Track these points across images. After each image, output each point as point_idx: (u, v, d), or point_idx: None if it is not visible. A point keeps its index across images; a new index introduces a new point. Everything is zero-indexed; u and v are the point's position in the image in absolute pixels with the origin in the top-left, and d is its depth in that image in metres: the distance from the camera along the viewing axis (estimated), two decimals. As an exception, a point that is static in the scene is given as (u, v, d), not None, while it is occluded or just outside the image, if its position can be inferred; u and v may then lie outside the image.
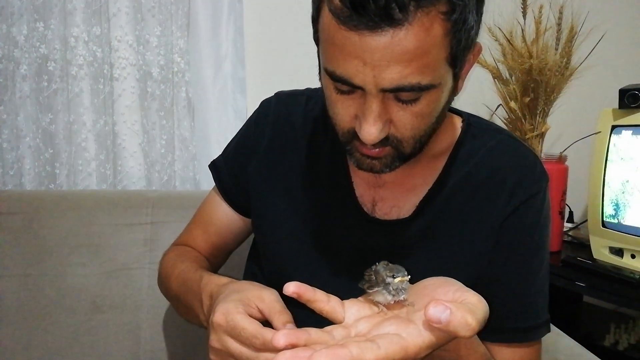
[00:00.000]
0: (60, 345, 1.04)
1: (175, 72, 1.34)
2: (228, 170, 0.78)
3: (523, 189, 0.66)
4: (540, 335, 0.68)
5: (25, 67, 1.25)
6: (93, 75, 1.29)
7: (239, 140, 0.80)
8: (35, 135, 1.28)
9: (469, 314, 0.40)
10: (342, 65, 0.51)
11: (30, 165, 1.30)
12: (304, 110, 0.75)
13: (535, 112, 1.27)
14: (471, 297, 0.44)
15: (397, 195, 0.68)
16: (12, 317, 1.04)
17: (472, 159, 0.68)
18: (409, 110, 0.54)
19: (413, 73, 0.50)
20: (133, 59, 1.31)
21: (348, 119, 0.56)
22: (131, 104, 1.33)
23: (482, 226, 0.66)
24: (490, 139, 0.69)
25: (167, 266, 0.77)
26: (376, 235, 0.68)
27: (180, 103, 1.36)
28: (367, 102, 0.53)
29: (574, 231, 1.46)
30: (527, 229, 0.66)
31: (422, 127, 0.57)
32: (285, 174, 0.73)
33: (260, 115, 0.77)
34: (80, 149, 1.31)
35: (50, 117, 1.28)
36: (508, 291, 0.66)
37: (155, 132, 1.36)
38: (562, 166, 1.30)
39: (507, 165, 0.67)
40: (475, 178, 0.67)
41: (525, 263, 0.67)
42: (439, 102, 0.56)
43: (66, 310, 1.05)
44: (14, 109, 1.26)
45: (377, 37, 0.48)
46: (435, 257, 0.66)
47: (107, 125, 1.31)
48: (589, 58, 1.26)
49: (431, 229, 0.67)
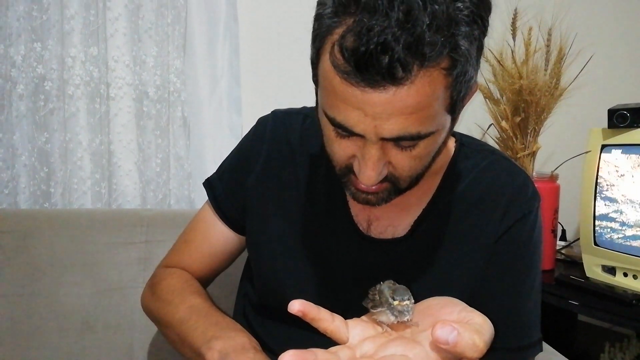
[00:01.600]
0: (52, 365, 1.03)
1: (171, 91, 1.35)
2: (224, 187, 0.78)
3: (515, 208, 0.67)
4: (532, 354, 0.68)
5: (22, 86, 1.26)
6: (89, 95, 1.30)
7: (236, 158, 0.79)
8: (31, 154, 1.28)
9: (476, 335, 0.40)
10: (343, 113, 0.52)
11: (25, 184, 1.29)
12: (301, 128, 0.76)
13: (526, 132, 1.29)
14: (476, 317, 0.44)
15: (392, 215, 0.69)
16: (4, 337, 1.03)
17: (466, 179, 0.69)
18: (407, 154, 0.55)
19: (414, 124, 0.51)
20: (130, 79, 1.33)
21: (345, 157, 0.57)
22: (127, 123, 1.34)
23: (476, 245, 0.67)
24: (483, 159, 0.70)
25: (172, 291, 0.74)
26: (372, 254, 0.68)
27: (176, 122, 1.37)
28: (367, 148, 0.53)
29: (567, 249, 1.47)
30: (519, 248, 0.67)
31: (420, 167, 0.58)
32: (281, 191, 0.73)
33: (257, 133, 0.77)
34: (75, 167, 1.32)
35: (46, 136, 1.28)
36: (500, 310, 0.66)
37: (151, 150, 1.36)
38: (554, 185, 1.31)
39: (500, 185, 0.68)
40: (468, 197, 0.68)
41: (518, 282, 0.67)
42: (436, 144, 0.57)
43: (59, 330, 1.04)
44: (10, 128, 1.27)
45: (379, 94, 0.49)
46: (430, 276, 0.67)
47: (103, 144, 1.32)
48: (578, 78, 1.29)
49: (426, 248, 0.67)
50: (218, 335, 0.61)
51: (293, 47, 1.45)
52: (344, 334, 0.48)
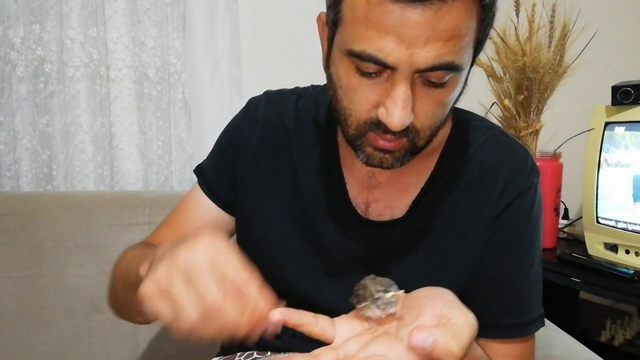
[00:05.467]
0: (59, 346, 1.04)
1: (171, 73, 1.34)
2: (213, 170, 0.76)
3: (514, 184, 0.66)
4: (534, 330, 0.68)
5: (21, 69, 1.25)
6: (89, 77, 1.30)
7: (225, 139, 0.77)
8: (32, 137, 1.28)
9: (453, 341, 0.39)
10: (375, 43, 0.49)
11: (27, 167, 1.30)
12: (295, 109, 0.73)
13: (529, 110, 1.28)
14: (458, 315, 0.42)
15: (391, 196, 0.68)
16: (10, 318, 1.04)
17: (463, 156, 0.68)
18: (432, 96, 0.54)
19: (449, 52, 0.50)
20: (129, 61, 1.32)
21: (368, 106, 0.55)
22: (128, 106, 1.34)
23: (476, 223, 0.66)
24: (481, 135, 0.69)
25: (120, 257, 0.70)
26: (370, 236, 0.68)
27: (176, 104, 1.36)
28: (397, 85, 0.51)
29: (569, 228, 1.47)
30: (519, 225, 0.67)
31: (439, 116, 0.57)
32: (276, 175, 0.71)
33: (250, 114, 0.75)
34: (77, 150, 1.32)
35: (47, 118, 1.28)
36: (502, 287, 0.67)
37: (152, 133, 1.36)
38: (557, 163, 1.30)
39: (498, 161, 0.67)
40: (467, 175, 0.67)
41: (519, 259, 0.67)
42: (457, 89, 0.56)
43: (65, 311, 1.05)
44: (11, 111, 1.26)
45: (420, 11, 0.47)
46: (430, 256, 0.66)
47: (104, 126, 1.32)
48: (582, 55, 1.27)
49: (425, 228, 0.67)
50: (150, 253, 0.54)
51: (294, 28, 1.44)
52: (330, 334, 0.47)
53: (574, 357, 0.91)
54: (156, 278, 0.42)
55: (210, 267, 0.41)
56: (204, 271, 0.41)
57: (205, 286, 0.41)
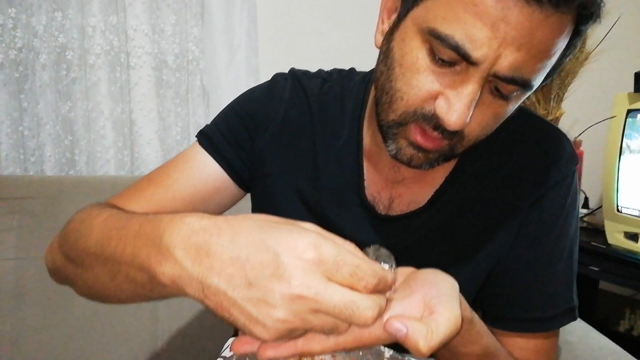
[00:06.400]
0: (80, 324, 1.07)
1: (190, 60, 1.36)
2: (225, 137, 0.69)
3: (549, 174, 0.62)
4: (557, 325, 0.64)
5: (44, 56, 1.28)
6: (110, 64, 1.32)
7: (245, 110, 0.70)
8: (55, 123, 1.31)
9: (422, 340, 0.37)
10: (468, 29, 0.45)
11: (50, 152, 1.33)
12: (320, 93, 0.69)
13: (550, 97, 1.26)
14: (443, 312, 0.40)
15: (415, 191, 0.64)
16: (34, 298, 1.07)
17: (494, 144, 0.63)
18: (493, 107, 0.50)
19: (532, 69, 0.47)
20: (149, 48, 1.34)
21: (426, 95, 0.50)
22: (147, 92, 1.36)
23: (504, 215, 0.62)
24: (513, 121, 0.63)
25: (80, 219, 0.55)
26: (389, 231, 0.65)
27: (195, 91, 1.38)
28: (469, 82, 0.47)
29: (589, 217, 1.45)
30: (551, 217, 0.62)
31: (490, 129, 0.54)
32: (297, 160, 0.68)
33: (276, 91, 0.70)
34: (98, 136, 1.34)
35: (70, 105, 1.31)
36: (526, 281, 0.63)
37: (171, 119, 1.38)
38: (577, 151, 1.28)
39: (532, 149, 0.63)
40: (496, 163, 0.63)
41: (547, 252, 0.63)
42: (514, 107, 0.53)
43: (86, 292, 1.08)
44: (34, 98, 1.29)
45: (530, 11, 0.44)
46: (452, 249, 0.63)
47: (124, 113, 1.34)
48: (604, 42, 1.25)
49: (447, 220, 0.63)
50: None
51: (311, 16, 1.44)
52: None
53: (590, 343, 0.90)
54: (280, 324, 0.35)
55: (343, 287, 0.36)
56: (343, 297, 0.35)
57: (360, 308, 0.36)
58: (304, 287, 0.34)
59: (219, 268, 0.36)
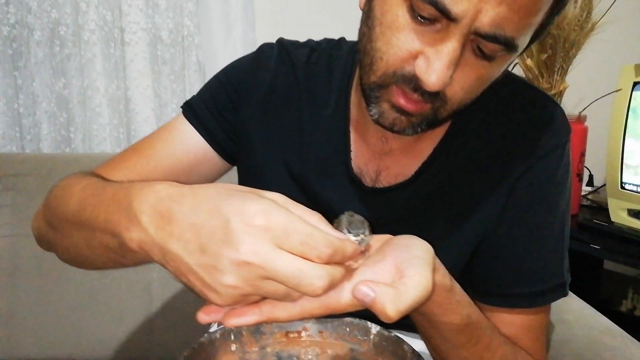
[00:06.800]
0: (77, 300, 1.08)
1: (185, 35, 1.34)
2: (208, 107, 0.69)
3: (539, 145, 0.60)
4: (546, 301, 0.62)
5: (39, 32, 1.27)
6: (104, 40, 1.30)
7: (229, 79, 0.70)
8: (50, 100, 1.30)
9: (390, 304, 0.37)
10: None
11: (47, 130, 1.33)
12: (307, 62, 0.68)
13: (553, 70, 1.22)
14: (413, 276, 0.39)
15: (403, 163, 0.63)
16: (30, 274, 1.08)
17: (481, 113, 0.62)
18: (476, 68, 0.49)
19: (515, 26, 0.45)
20: (144, 23, 1.32)
21: (405, 54, 0.48)
22: (142, 69, 1.34)
23: (491, 185, 0.61)
24: (502, 88, 0.62)
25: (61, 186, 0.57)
26: (376, 203, 0.64)
27: (191, 67, 1.36)
28: (449, 40, 0.46)
29: (593, 195, 1.41)
30: (541, 188, 0.60)
31: (472, 94, 0.52)
32: (283, 130, 0.67)
33: (262, 61, 0.69)
34: (94, 114, 1.34)
35: (64, 81, 1.30)
36: (513, 254, 0.61)
37: (167, 96, 1.37)
38: (581, 126, 1.25)
39: (522, 117, 0.61)
40: (485, 133, 0.62)
41: (536, 224, 0.60)
42: (501, 69, 0.51)
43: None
44: (30, 75, 1.29)
45: None
46: (439, 222, 0.62)
47: (119, 89, 1.33)
48: (610, 11, 1.20)
49: (434, 191, 0.62)
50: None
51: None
52: None
53: (587, 322, 0.88)
54: (231, 290, 0.36)
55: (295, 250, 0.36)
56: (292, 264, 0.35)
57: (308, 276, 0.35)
58: (251, 253, 0.34)
59: (178, 234, 0.37)
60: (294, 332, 0.62)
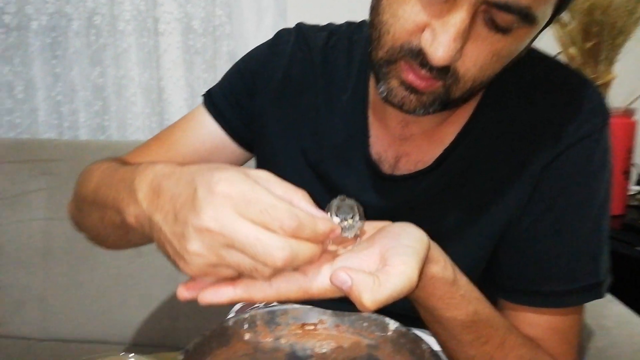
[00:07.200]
0: (106, 284, 1.11)
1: (216, 25, 1.34)
2: (225, 96, 0.70)
3: (570, 129, 0.55)
4: (575, 301, 0.57)
5: (76, 22, 1.30)
6: (138, 30, 1.32)
7: (245, 66, 0.70)
8: (86, 88, 1.34)
9: (368, 293, 0.36)
10: None
11: (84, 118, 1.36)
12: (324, 46, 0.67)
13: (599, 59, 1.15)
14: (397, 265, 0.38)
15: (424, 149, 0.60)
16: (61, 257, 1.11)
17: (509, 96, 0.58)
18: (490, 42, 0.46)
19: None
20: (177, 13, 1.33)
21: (412, 26, 0.46)
22: (176, 59, 1.35)
23: (517, 174, 0.57)
24: (532, 69, 0.58)
25: (87, 171, 0.62)
26: (394, 191, 0.61)
27: (222, 57, 1.36)
28: (456, 11, 0.43)
29: (642, 194, 1.33)
30: (572, 177, 0.56)
31: (490, 70, 0.48)
32: (298, 116, 0.66)
33: (279, 47, 0.69)
34: (129, 103, 1.36)
35: (99, 70, 1.33)
36: (539, 249, 0.57)
37: (199, 86, 1.37)
38: (629, 121, 1.17)
39: (552, 100, 0.56)
40: (511, 118, 0.58)
41: (565, 218, 0.56)
42: (520, 45, 0.48)
43: (110, 253, 1.10)
44: (68, 64, 1.32)
45: None
46: (460, 210, 0.59)
47: (152, 79, 1.35)
48: (665, -4, 1.12)
49: (456, 180, 0.59)
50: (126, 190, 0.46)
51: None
52: None
53: (628, 329, 0.82)
54: (196, 258, 0.36)
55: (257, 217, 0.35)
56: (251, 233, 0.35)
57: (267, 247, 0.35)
58: (211, 220, 0.35)
59: (161, 206, 0.39)
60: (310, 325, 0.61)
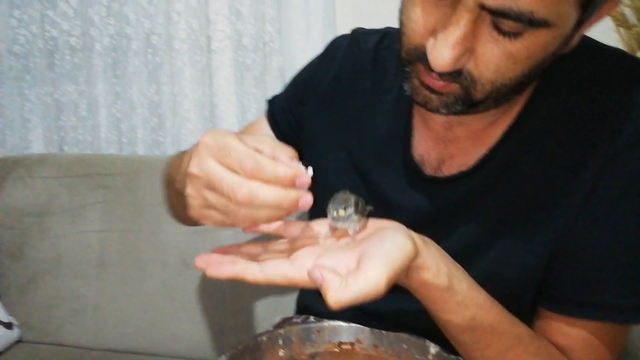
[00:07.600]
0: (155, 295, 1.13)
1: (266, 41, 1.35)
2: (281, 103, 0.75)
3: (629, 128, 0.50)
4: (617, 319, 0.53)
5: (135, 42, 1.36)
6: (192, 48, 1.36)
7: (300, 74, 0.76)
8: (143, 105, 1.39)
9: (333, 291, 0.39)
10: None
11: (142, 134, 1.41)
12: (375, 48, 0.67)
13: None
14: (369, 269, 0.41)
15: (469, 151, 0.58)
16: (114, 268, 1.15)
17: (561, 90, 0.54)
18: (502, 46, 0.44)
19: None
20: (229, 31, 1.35)
21: (422, 30, 0.46)
22: (227, 76, 1.38)
23: (569, 177, 0.52)
24: (590, 60, 0.53)
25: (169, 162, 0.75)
26: (435, 193, 0.59)
27: (272, 72, 1.37)
28: (455, 16, 0.43)
29: None
30: (628, 183, 0.51)
31: (509, 74, 0.46)
32: (344, 119, 0.67)
33: (331, 52, 0.72)
34: (183, 119, 1.40)
35: (155, 88, 1.37)
36: (592, 259, 0.53)
37: (249, 102, 1.39)
38: None
39: (610, 96, 0.52)
40: (563, 114, 0.53)
41: (623, 225, 0.52)
42: (545, 48, 0.45)
43: (160, 265, 1.13)
44: (128, 83, 1.38)
45: None
46: (504, 214, 0.56)
47: (205, 95, 1.38)
48: None
49: (501, 182, 0.56)
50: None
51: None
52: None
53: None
54: (191, 200, 0.44)
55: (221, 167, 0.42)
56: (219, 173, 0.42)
57: (229, 183, 0.41)
58: (194, 166, 0.43)
59: (192, 168, 0.44)
60: (347, 344, 0.59)
